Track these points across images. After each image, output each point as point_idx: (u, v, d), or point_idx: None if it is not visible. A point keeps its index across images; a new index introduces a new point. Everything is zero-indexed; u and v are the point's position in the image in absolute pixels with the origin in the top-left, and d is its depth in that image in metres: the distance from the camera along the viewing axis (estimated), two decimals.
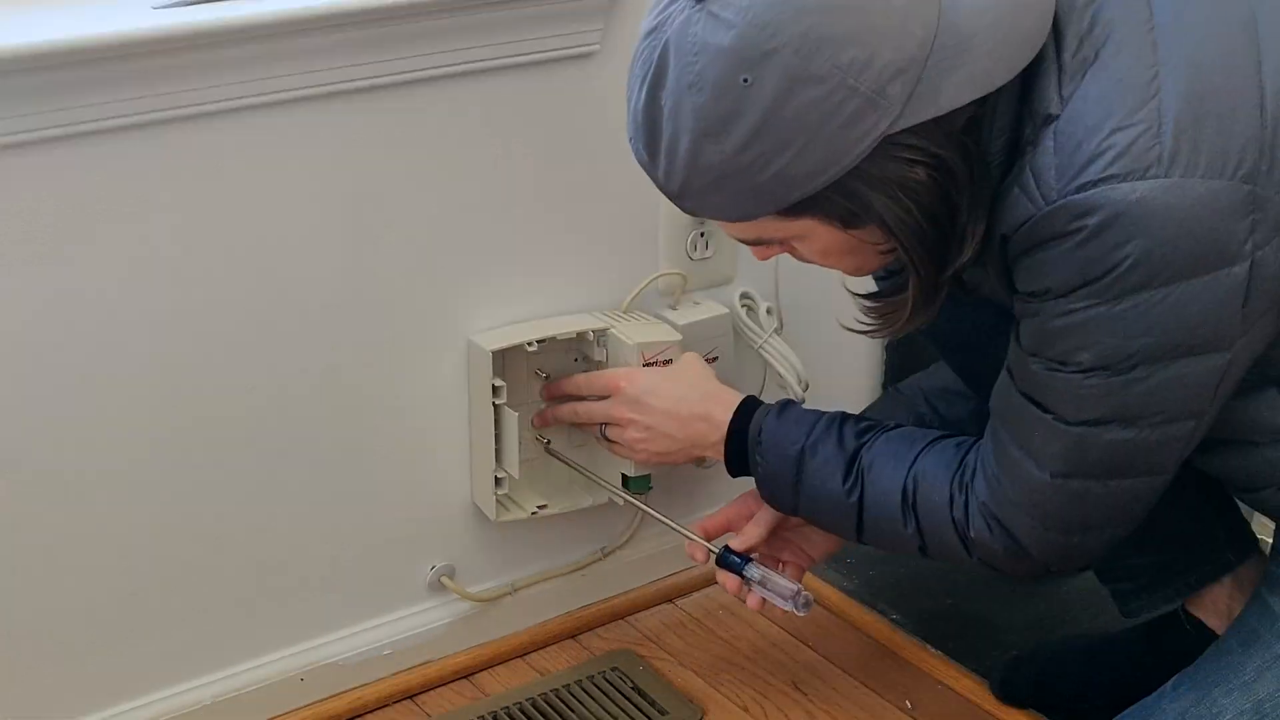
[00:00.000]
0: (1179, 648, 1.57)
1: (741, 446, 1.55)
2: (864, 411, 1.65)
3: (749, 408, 1.57)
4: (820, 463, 1.49)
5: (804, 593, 1.58)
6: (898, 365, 1.96)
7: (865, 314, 1.40)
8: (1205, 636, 1.57)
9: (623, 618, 1.84)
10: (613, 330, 1.68)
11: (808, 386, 1.80)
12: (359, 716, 1.70)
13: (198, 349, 1.53)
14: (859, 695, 1.72)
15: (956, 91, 1.22)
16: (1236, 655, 1.43)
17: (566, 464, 1.71)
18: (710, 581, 1.88)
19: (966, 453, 1.43)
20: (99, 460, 1.51)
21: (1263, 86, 1.25)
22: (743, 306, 1.82)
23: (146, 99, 1.42)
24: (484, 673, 1.76)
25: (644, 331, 1.68)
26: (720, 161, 1.24)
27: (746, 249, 1.79)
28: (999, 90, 1.25)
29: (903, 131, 1.22)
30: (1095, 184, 1.22)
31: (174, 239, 1.48)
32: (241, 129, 1.48)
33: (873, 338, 1.45)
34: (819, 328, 1.89)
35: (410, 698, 1.72)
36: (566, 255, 1.71)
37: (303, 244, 1.55)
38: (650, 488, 1.71)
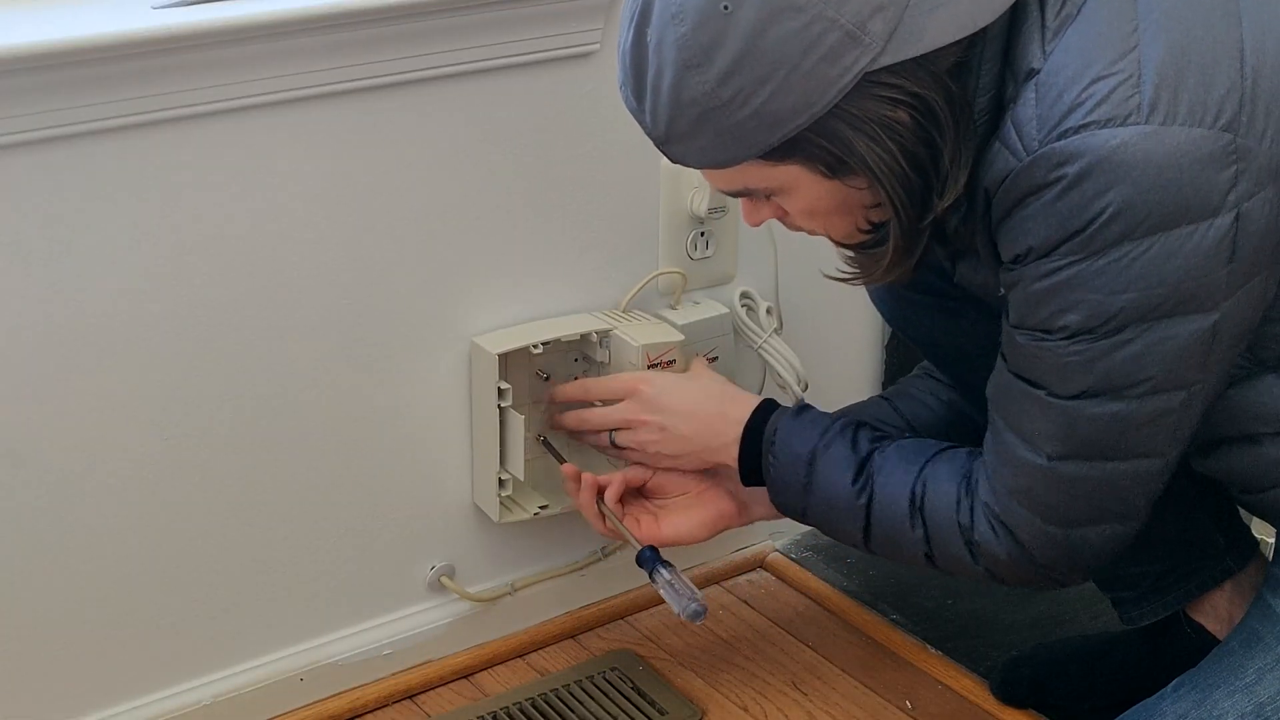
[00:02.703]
0: (1179, 648, 1.57)
1: (755, 446, 1.54)
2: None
3: (767, 408, 1.56)
4: (831, 463, 1.48)
5: (702, 605, 1.60)
6: (898, 365, 1.96)
7: (846, 262, 1.40)
8: (1206, 641, 1.57)
9: (623, 618, 1.84)
10: (616, 331, 1.68)
11: (807, 386, 1.80)
12: (359, 716, 1.70)
13: (198, 349, 1.53)
14: (859, 695, 1.72)
15: (939, 30, 1.22)
16: (1238, 657, 1.42)
17: (560, 459, 1.71)
18: (710, 581, 1.89)
19: (976, 460, 1.42)
20: (98, 460, 1.51)
21: (1242, 40, 1.25)
22: (742, 306, 1.82)
23: (146, 99, 1.42)
24: (484, 673, 1.76)
25: (647, 332, 1.68)
26: (702, 95, 1.23)
27: (746, 248, 1.81)
28: (984, 45, 1.25)
29: (884, 70, 1.21)
30: (1075, 131, 1.22)
31: (174, 238, 1.48)
32: (241, 129, 1.48)
33: (851, 284, 1.43)
34: (819, 328, 1.90)
35: (410, 698, 1.72)
36: (566, 255, 1.71)
37: (303, 244, 1.55)
38: None
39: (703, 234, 1.78)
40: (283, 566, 1.64)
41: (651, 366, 1.66)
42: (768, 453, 1.53)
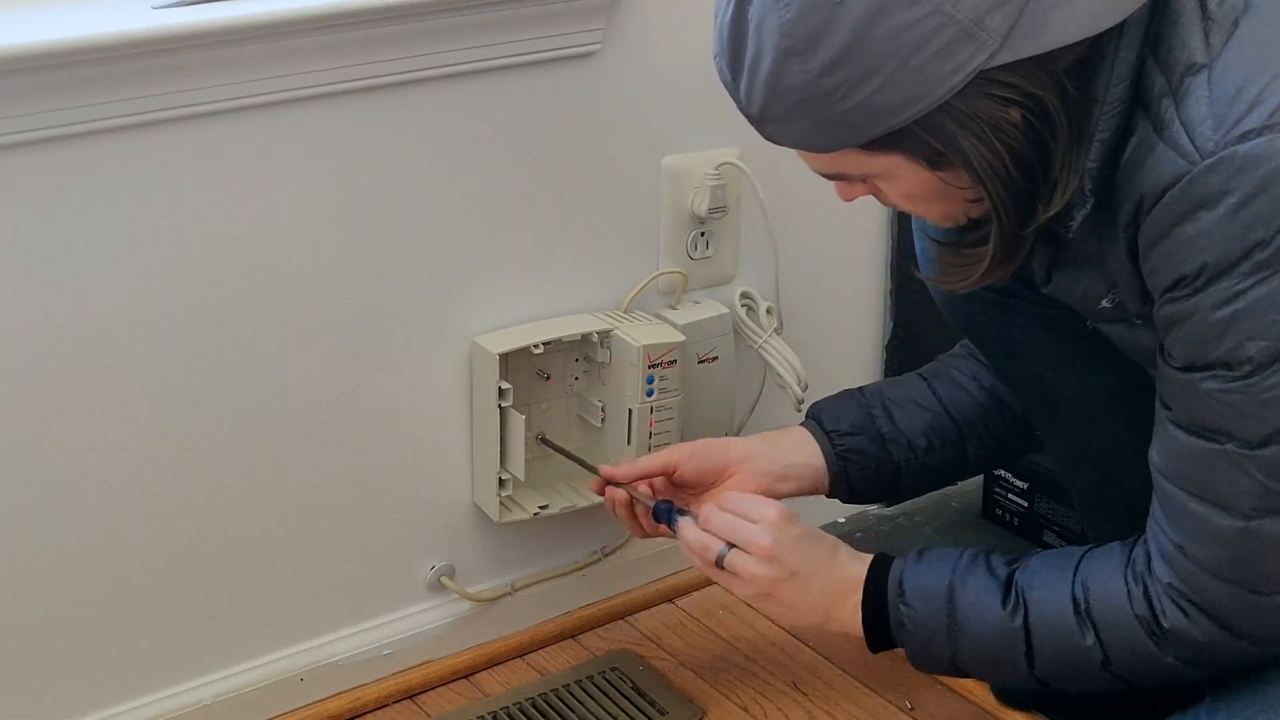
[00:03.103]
0: None
1: (880, 606, 1.42)
2: (813, 407, 1.63)
3: (881, 563, 1.44)
4: (974, 594, 1.37)
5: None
6: (898, 366, 1.96)
7: (940, 262, 1.33)
8: None
9: (622, 618, 1.84)
10: (617, 331, 1.68)
11: (807, 387, 1.80)
12: (359, 716, 1.70)
13: (198, 349, 1.52)
14: (859, 695, 1.71)
15: (1061, 28, 1.15)
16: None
17: (563, 454, 1.71)
18: (710, 581, 1.88)
19: (1134, 546, 1.33)
20: (98, 460, 1.51)
21: None
22: (743, 306, 1.82)
23: (146, 99, 1.42)
24: (484, 673, 1.76)
25: (648, 332, 1.68)
26: (803, 84, 1.17)
27: (746, 248, 1.81)
28: (1117, 36, 1.18)
29: (1000, 68, 1.15)
30: (1259, 133, 1.14)
31: (173, 238, 1.48)
32: (241, 129, 1.48)
33: (945, 288, 1.35)
34: (819, 328, 1.90)
35: (410, 698, 1.72)
36: (566, 255, 1.71)
37: (302, 244, 1.55)
38: None
39: (703, 234, 1.78)
40: (283, 566, 1.64)
41: (652, 367, 1.66)
42: (898, 604, 1.41)
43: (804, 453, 1.60)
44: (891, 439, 1.60)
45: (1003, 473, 1.99)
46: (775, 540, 1.45)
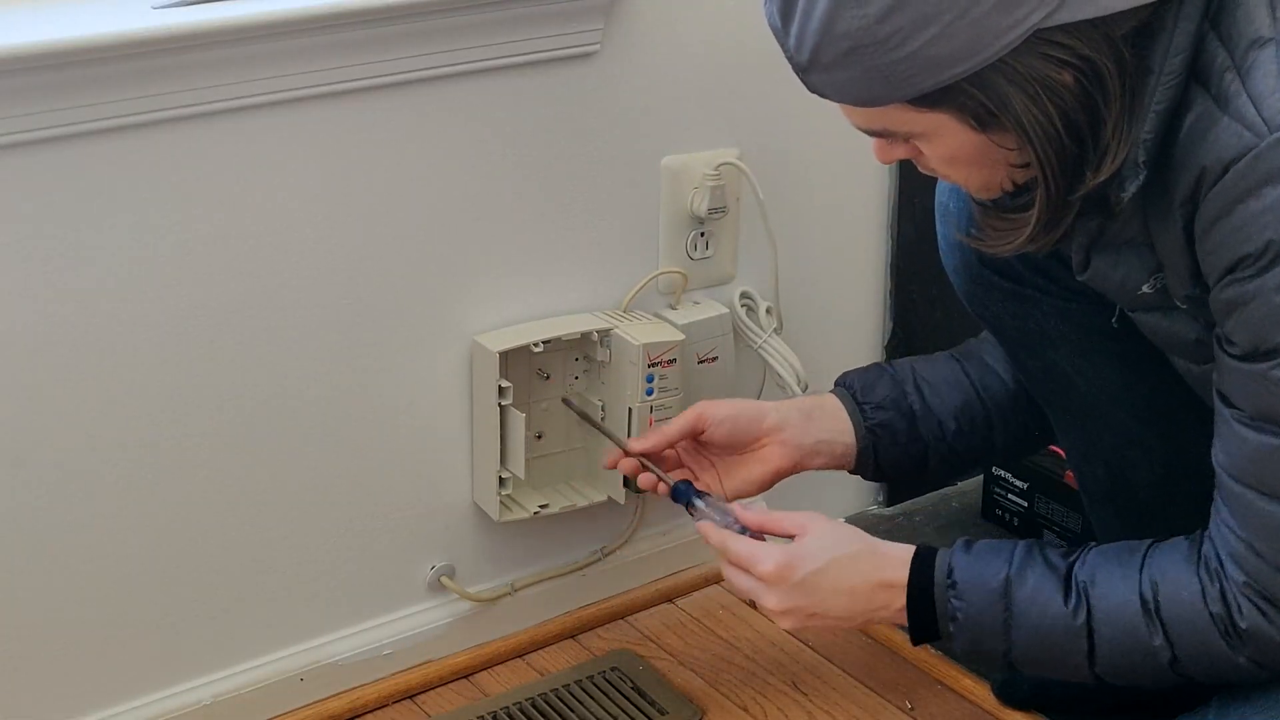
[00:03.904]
0: None
1: (927, 601, 1.39)
2: (844, 377, 1.60)
3: (925, 556, 1.40)
4: (1033, 589, 1.34)
5: (743, 525, 1.49)
6: None
7: (983, 225, 1.31)
8: None
9: (622, 618, 1.84)
10: (616, 330, 1.68)
11: (807, 387, 1.80)
12: (359, 716, 1.70)
13: (198, 348, 1.53)
14: (859, 695, 1.71)
15: None
16: None
17: (583, 417, 1.69)
18: (710, 581, 1.89)
19: (1201, 543, 1.29)
20: (98, 460, 1.51)
21: None
22: (742, 306, 1.82)
23: (146, 99, 1.42)
24: (484, 673, 1.76)
25: (648, 331, 1.68)
26: (857, 29, 1.15)
27: (746, 248, 1.81)
28: (1177, 6, 1.17)
29: (1057, 28, 1.14)
30: None
31: (174, 238, 1.48)
32: (241, 129, 1.48)
33: (986, 250, 1.33)
34: (819, 328, 1.90)
35: (410, 698, 1.72)
36: (566, 254, 1.71)
37: (302, 244, 1.55)
38: None
39: (703, 234, 1.78)
40: (283, 566, 1.64)
41: (652, 365, 1.66)
42: (949, 597, 1.37)
43: (836, 427, 1.57)
44: (922, 417, 1.57)
45: (1003, 473, 1.99)
46: (780, 597, 1.43)
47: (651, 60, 1.68)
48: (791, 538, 1.47)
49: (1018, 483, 1.98)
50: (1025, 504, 1.97)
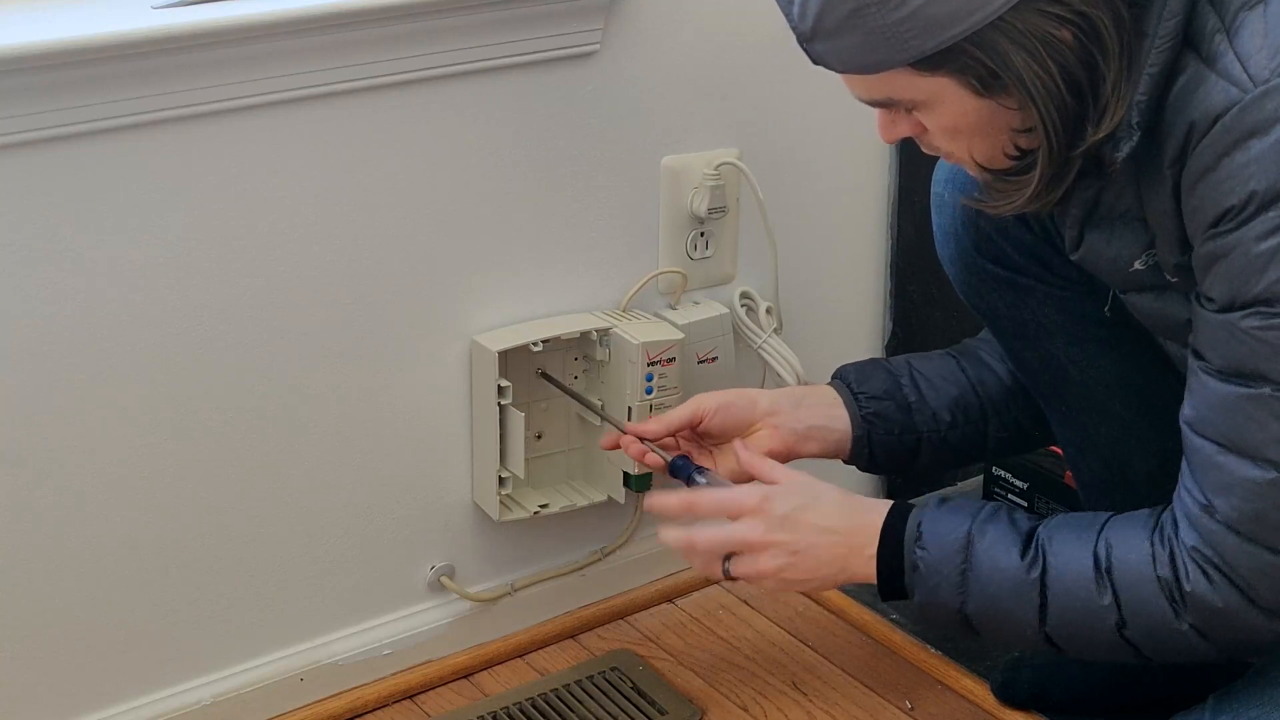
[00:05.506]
0: None
1: (896, 550, 1.39)
2: (841, 369, 1.61)
3: (902, 509, 1.42)
4: (991, 542, 1.35)
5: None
6: None
7: (986, 187, 1.32)
8: None
9: (622, 618, 1.84)
10: (616, 329, 1.68)
11: None
12: (359, 716, 1.70)
13: (198, 348, 1.53)
14: (859, 695, 1.71)
15: None
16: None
17: (562, 390, 1.69)
18: (710, 581, 1.89)
19: (1161, 513, 1.31)
20: (99, 460, 1.51)
21: None
22: (742, 306, 1.82)
23: (146, 99, 1.42)
24: (484, 673, 1.76)
25: (647, 331, 1.68)
26: None
27: (746, 248, 1.81)
28: None
29: None
30: None
31: (174, 238, 1.48)
32: (241, 129, 1.48)
33: (990, 210, 1.33)
34: (818, 328, 1.90)
35: (410, 698, 1.72)
36: (566, 254, 1.71)
37: (302, 244, 1.55)
38: (650, 486, 1.71)
39: (703, 234, 1.78)
40: (283, 566, 1.64)
41: (652, 364, 1.66)
42: (914, 546, 1.38)
43: (829, 414, 1.58)
44: (917, 409, 1.58)
45: (1003, 473, 1.99)
46: (766, 528, 1.43)
47: (651, 60, 1.69)
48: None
49: (1018, 482, 1.98)
50: (1025, 504, 1.97)
